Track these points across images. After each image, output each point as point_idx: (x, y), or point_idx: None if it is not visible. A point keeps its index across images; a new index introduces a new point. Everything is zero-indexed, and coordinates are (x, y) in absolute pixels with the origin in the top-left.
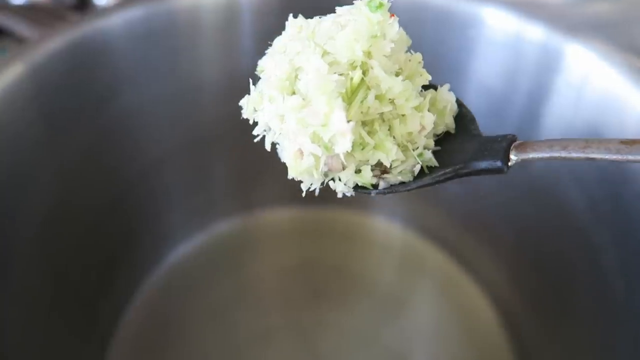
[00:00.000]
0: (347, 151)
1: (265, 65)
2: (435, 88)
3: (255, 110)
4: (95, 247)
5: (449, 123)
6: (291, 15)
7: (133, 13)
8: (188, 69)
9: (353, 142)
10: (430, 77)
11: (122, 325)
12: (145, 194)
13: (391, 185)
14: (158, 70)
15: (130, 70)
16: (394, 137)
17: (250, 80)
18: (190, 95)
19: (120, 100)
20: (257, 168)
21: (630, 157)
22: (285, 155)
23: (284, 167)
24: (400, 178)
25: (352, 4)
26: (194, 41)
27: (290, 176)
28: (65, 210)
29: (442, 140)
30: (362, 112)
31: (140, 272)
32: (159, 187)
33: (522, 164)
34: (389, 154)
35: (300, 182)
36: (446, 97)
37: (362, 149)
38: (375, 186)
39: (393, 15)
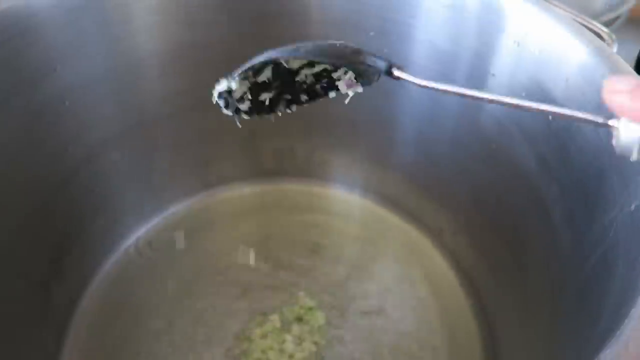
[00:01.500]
0: None
1: None
2: None
3: None
4: (44, 229)
5: None
6: None
7: None
8: (126, 43)
9: None
10: None
11: (79, 311)
12: (94, 175)
13: None
14: (95, 44)
15: (64, 46)
16: None
17: None
18: (132, 70)
19: (57, 78)
20: (212, 144)
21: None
22: None
23: (240, 143)
24: None
25: None
26: (128, 12)
27: None
28: (5, 192)
29: None
30: None
31: (95, 256)
32: (108, 168)
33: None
34: None
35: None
36: None
37: None
38: None
39: None
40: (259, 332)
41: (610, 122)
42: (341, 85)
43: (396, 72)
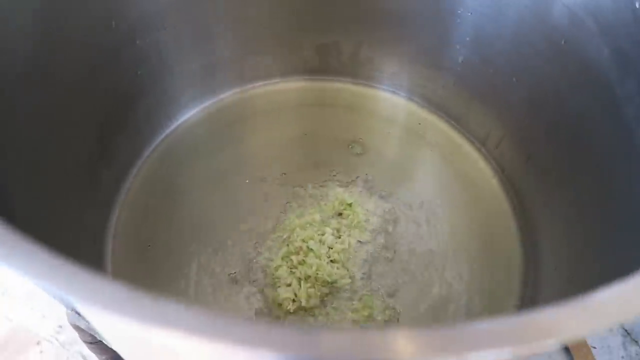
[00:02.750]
0: None
1: None
2: None
3: None
4: (91, 102)
5: None
6: None
7: None
8: None
9: None
10: None
11: (125, 191)
12: (139, 52)
13: None
14: None
15: None
16: None
17: None
18: None
19: None
20: (260, 37)
21: None
22: None
23: (286, 38)
24: None
25: None
26: None
27: None
28: (52, 61)
29: None
30: None
31: (140, 139)
32: (153, 47)
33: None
34: None
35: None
36: None
37: None
38: None
39: None
40: (299, 223)
41: None
42: None
43: None
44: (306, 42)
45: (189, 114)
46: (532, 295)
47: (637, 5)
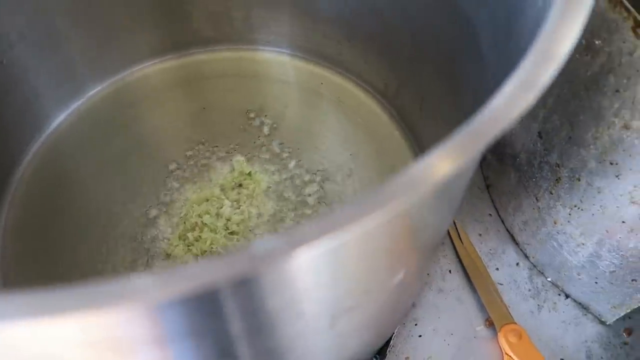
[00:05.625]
0: None
1: None
2: None
3: None
4: None
5: None
6: None
7: None
8: None
9: None
10: None
11: (9, 192)
12: None
13: None
14: None
15: None
16: None
17: None
18: None
19: None
20: (121, 22)
21: None
22: None
23: (150, 18)
24: None
25: None
26: None
27: None
28: None
29: None
30: None
31: (18, 137)
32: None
33: None
34: None
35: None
36: None
37: None
38: None
39: None
40: (196, 198)
41: None
42: None
43: None
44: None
45: (66, 112)
46: None
47: None
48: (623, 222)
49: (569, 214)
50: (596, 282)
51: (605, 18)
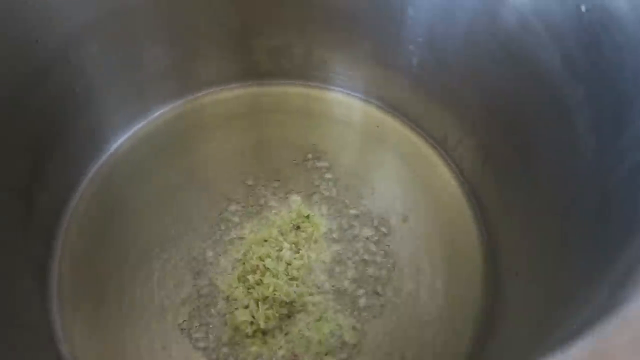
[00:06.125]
0: None
1: None
2: None
3: None
4: (18, 131)
5: None
6: None
7: None
8: None
9: None
10: None
11: (66, 216)
12: (70, 71)
13: None
14: None
15: None
16: None
17: None
18: None
19: None
20: (198, 42)
21: None
22: None
23: (229, 42)
24: None
25: None
26: None
27: None
28: None
29: None
30: None
31: (79, 160)
32: (86, 63)
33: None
34: None
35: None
36: None
37: None
38: None
39: None
40: (253, 238)
41: None
42: None
43: None
44: (257, 45)
45: (128, 131)
46: (493, 303)
47: (583, 9)
48: None
49: None
50: None
51: None
